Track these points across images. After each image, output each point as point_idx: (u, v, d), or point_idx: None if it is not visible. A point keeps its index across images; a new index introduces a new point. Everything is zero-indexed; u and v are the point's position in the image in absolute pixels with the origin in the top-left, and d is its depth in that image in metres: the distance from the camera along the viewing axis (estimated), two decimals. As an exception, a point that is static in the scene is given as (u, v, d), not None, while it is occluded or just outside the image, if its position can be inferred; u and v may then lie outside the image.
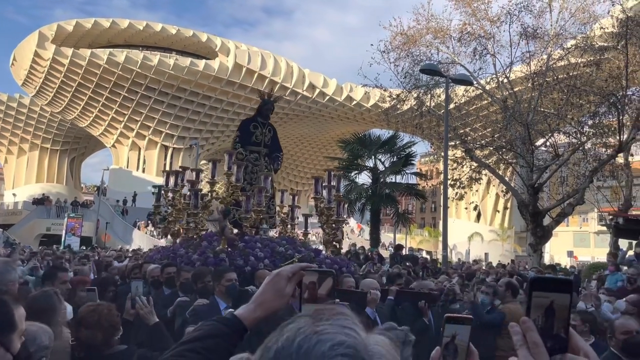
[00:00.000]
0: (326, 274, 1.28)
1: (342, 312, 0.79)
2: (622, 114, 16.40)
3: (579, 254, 44.69)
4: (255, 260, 6.82)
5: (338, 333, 0.73)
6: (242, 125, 9.85)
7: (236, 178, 7.82)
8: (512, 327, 0.87)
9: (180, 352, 1.23)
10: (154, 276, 5.81)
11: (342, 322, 0.76)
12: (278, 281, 1.30)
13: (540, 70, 18.33)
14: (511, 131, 17.98)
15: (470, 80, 17.12)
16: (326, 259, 7.49)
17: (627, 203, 19.55)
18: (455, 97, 22.02)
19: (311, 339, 0.72)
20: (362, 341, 0.73)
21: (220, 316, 1.36)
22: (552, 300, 0.85)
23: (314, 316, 0.78)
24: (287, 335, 0.75)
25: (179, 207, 8.89)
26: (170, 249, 7.91)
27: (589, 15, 19.42)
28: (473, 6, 20.18)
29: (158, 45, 46.45)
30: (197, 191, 8.11)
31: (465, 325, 1.27)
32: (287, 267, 1.34)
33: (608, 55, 17.38)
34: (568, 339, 0.85)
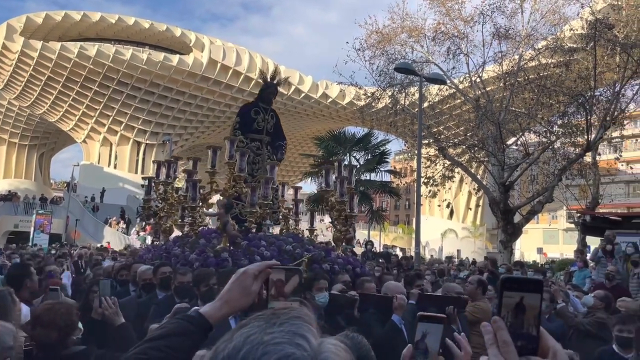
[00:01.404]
0: (293, 272, 1.29)
1: (298, 315, 0.77)
2: (590, 114, 16.80)
3: (548, 250, 45.76)
4: (262, 260, 5.86)
5: (287, 343, 0.71)
6: (242, 111, 8.95)
7: (239, 168, 6.97)
8: (484, 326, 0.87)
9: (144, 350, 1.22)
10: (145, 279, 5.16)
11: (295, 327, 0.74)
12: (244, 279, 1.30)
13: (511, 70, 18.64)
14: (483, 130, 18.25)
15: (443, 79, 17.32)
16: (338, 258, 6.80)
17: (594, 201, 20.06)
18: (429, 95, 22.24)
19: (257, 351, 0.70)
20: (311, 352, 0.71)
21: (185, 314, 1.35)
22: (522, 299, 0.86)
23: (268, 319, 0.76)
24: (235, 343, 0.73)
25: (171, 202, 8.10)
26: (162, 248, 7.17)
27: (560, 17, 19.84)
28: (447, 6, 20.39)
29: (131, 39, 45.69)
30: (196, 182, 7.20)
31: (438, 324, 1.29)
32: (253, 264, 1.34)
33: (577, 56, 17.77)
34: (538, 338, 0.86)
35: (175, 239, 7.57)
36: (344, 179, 7.46)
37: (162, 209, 8.27)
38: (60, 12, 43.01)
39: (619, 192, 37.96)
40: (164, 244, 7.57)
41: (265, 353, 0.69)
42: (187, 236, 7.31)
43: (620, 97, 17.41)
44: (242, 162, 7.05)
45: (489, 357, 0.85)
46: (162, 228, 8.19)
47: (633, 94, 18.62)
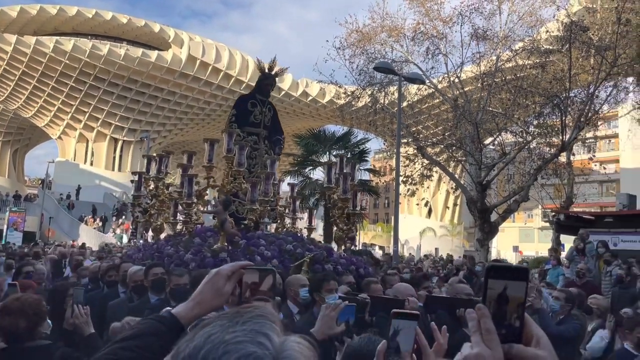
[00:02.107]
0: (267, 272, 1.28)
1: (261, 313, 0.77)
2: (565, 115, 17.12)
3: (524, 249, 46.50)
4: (262, 260, 5.78)
5: (248, 342, 0.70)
6: (239, 103, 8.48)
7: (238, 162, 6.51)
8: (468, 313, 0.87)
9: (114, 350, 1.20)
10: (136, 280, 4.75)
11: (258, 326, 0.73)
12: (217, 280, 1.29)
13: (489, 71, 18.88)
14: (461, 129, 18.45)
15: (422, 79, 17.45)
16: (341, 258, 6.49)
17: (569, 200, 20.43)
18: (409, 95, 22.40)
19: (218, 350, 0.69)
20: (273, 351, 0.70)
21: (157, 314, 1.34)
22: (507, 287, 0.86)
23: (231, 318, 0.75)
24: (197, 343, 0.71)
25: (162, 198, 7.65)
26: (153, 247, 6.73)
27: (536, 19, 20.16)
28: (426, 6, 20.55)
29: (108, 34, 45.02)
30: (192, 177, 6.76)
31: (411, 321, 1.31)
32: (226, 265, 1.33)
33: (553, 57, 18.09)
34: (522, 326, 0.86)
35: (167, 237, 7.15)
36: (348, 175, 7.11)
37: (153, 206, 7.81)
38: (36, 6, 42.13)
39: (592, 192, 38.74)
40: (154, 243, 7.11)
41: (226, 352, 0.68)
42: (180, 235, 6.95)
43: (594, 98, 17.76)
44: (242, 157, 6.57)
45: (471, 344, 0.85)
46: (153, 226, 7.74)
47: (607, 95, 19.04)
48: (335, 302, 2.56)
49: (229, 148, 6.55)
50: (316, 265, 5.84)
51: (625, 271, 8.65)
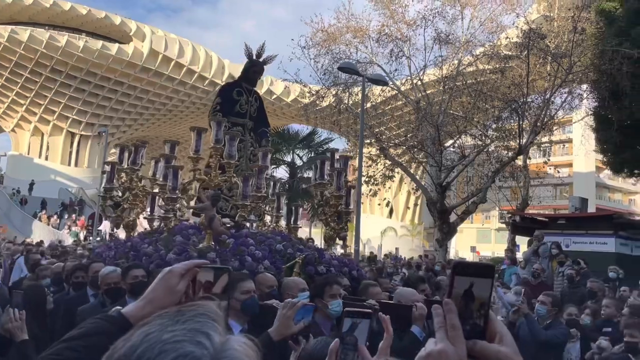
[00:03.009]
0: (222, 271, 1.26)
1: (204, 312, 0.74)
2: (522, 119, 17.65)
3: (481, 249, 47.65)
4: (253, 261, 5.34)
5: (187, 341, 0.67)
6: (224, 91, 7.90)
7: (228, 154, 5.96)
8: (435, 308, 0.87)
9: (59, 350, 1.17)
10: (109, 283, 4.32)
11: (199, 325, 0.70)
12: (170, 278, 1.25)
13: (451, 75, 19.26)
14: (423, 131, 18.76)
15: (385, 80, 17.64)
16: (333, 259, 6.09)
17: (524, 202, 21.06)
18: (372, 96, 22.59)
19: (154, 349, 0.66)
20: (212, 351, 0.67)
21: (106, 314, 1.30)
22: (473, 284, 0.86)
23: (171, 317, 0.72)
24: (133, 342, 0.69)
25: (136, 192, 7.06)
26: (127, 245, 6.12)
27: (497, 25, 20.68)
28: (391, 9, 20.79)
29: (66, 25, 43.60)
30: (177, 169, 6.13)
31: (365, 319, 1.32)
32: (180, 263, 1.30)
33: (512, 63, 18.61)
34: (487, 323, 0.86)
35: (142, 234, 6.60)
36: (342, 171, 6.70)
37: (126, 200, 7.19)
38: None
39: (546, 195, 39.99)
40: (128, 240, 6.54)
41: (163, 352, 0.66)
42: (156, 232, 6.40)
43: (550, 104, 18.38)
44: (232, 148, 5.99)
45: (436, 339, 0.85)
46: (125, 222, 7.13)
47: (562, 101, 19.73)
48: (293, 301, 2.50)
49: (218, 138, 6.02)
50: (309, 267, 5.49)
51: (576, 271, 8.99)
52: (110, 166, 7.47)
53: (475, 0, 20.57)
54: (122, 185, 7.34)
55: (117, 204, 7.45)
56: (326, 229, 6.74)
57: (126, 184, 7.22)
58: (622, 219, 14.94)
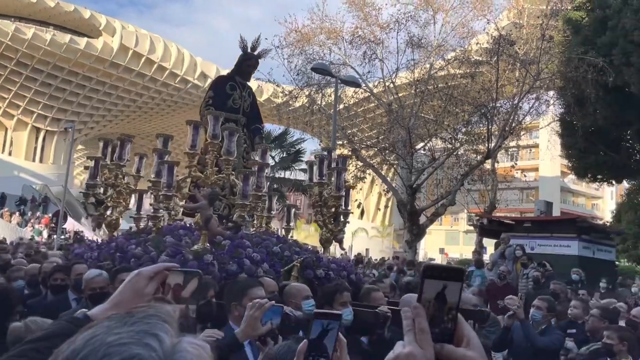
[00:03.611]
0: (192, 275, 1.24)
1: (155, 313, 0.72)
2: (491, 124, 17.98)
3: (450, 251, 48.34)
4: (252, 264, 5.02)
5: (134, 344, 0.65)
6: (217, 84, 7.60)
7: (227, 150, 5.58)
8: (404, 312, 0.87)
9: (23, 351, 1.15)
10: (94, 287, 4.02)
11: (148, 326, 0.68)
12: (138, 280, 1.24)
13: (422, 78, 19.48)
14: (394, 134, 18.92)
15: (358, 82, 17.74)
16: (331, 263, 5.77)
17: (492, 205, 21.45)
18: (345, 97, 22.69)
19: (98, 352, 0.64)
20: (160, 353, 0.65)
21: (71, 316, 1.28)
22: (443, 287, 0.86)
23: (120, 319, 0.70)
24: (77, 345, 0.66)
25: (120, 189, 6.67)
26: (112, 245, 5.68)
27: (468, 31, 21.04)
28: (365, 11, 20.92)
29: (33, 17, 42.42)
30: (172, 165, 5.71)
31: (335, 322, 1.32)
32: (150, 266, 1.28)
33: (482, 69, 18.95)
34: (455, 327, 0.87)
35: (127, 235, 6.22)
36: (342, 170, 6.43)
37: (109, 198, 6.78)
38: (-49, -19, 39.09)
39: (513, 198, 40.85)
40: (111, 241, 6.12)
41: (107, 355, 0.63)
42: (143, 232, 6.05)
43: (518, 109, 18.78)
44: (231, 144, 5.59)
45: (404, 342, 0.85)
46: (108, 221, 6.72)
47: (529, 107, 20.18)
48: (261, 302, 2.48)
49: (215, 133, 5.62)
50: (307, 271, 5.23)
51: (541, 273, 9.21)
52: (93, 161, 6.96)
53: (447, 6, 20.89)
54: (105, 182, 6.92)
55: (99, 201, 6.98)
56: (322, 230, 6.39)
57: (110, 181, 6.80)
58: (585, 223, 15.36)
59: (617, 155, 20.69)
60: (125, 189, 6.77)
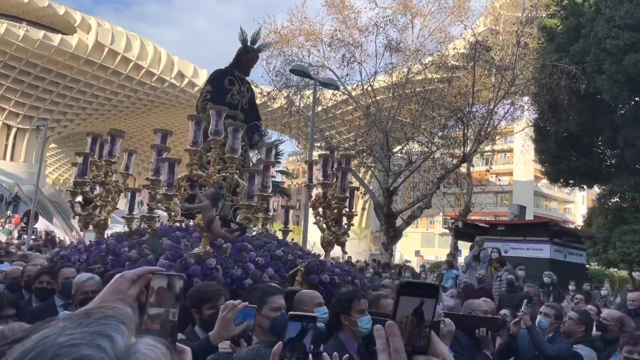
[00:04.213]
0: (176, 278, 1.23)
1: (113, 314, 0.70)
2: (467, 128, 18.23)
3: (425, 253, 48.77)
4: (257, 268, 4.71)
5: (85, 345, 0.63)
6: (215, 78, 7.17)
7: (231, 147, 5.22)
8: (377, 329, 0.85)
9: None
10: (87, 292, 3.79)
11: (103, 327, 0.67)
12: (121, 283, 1.22)
13: (400, 82, 19.65)
14: (372, 137, 19.04)
15: (337, 85, 17.79)
16: (335, 267, 5.51)
17: (467, 209, 21.72)
18: (324, 100, 22.73)
19: (47, 353, 0.62)
20: (111, 354, 0.64)
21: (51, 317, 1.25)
22: (419, 305, 0.85)
23: (76, 319, 0.69)
24: (27, 347, 0.64)
25: (109, 187, 6.32)
26: (102, 248, 5.31)
27: (445, 36, 21.29)
28: (344, 14, 21.01)
29: (6, 12, 41.47)
30: (173, 162, 5.37)
31: (311, 324, 1.32)
32: (134, 270, 1.27)
33: (459, 73, 19.20)
34: (428, 343, 0.86)
35: (118, 236, 5.83)
36: (347, 171, 6.15)
37: (98, 197, 6.39)
38: None
39: (488, 202, 41.42)
40: (101, 242, 5.74)
41: (56, 356, 0.62)
42: (135, 233, 5.73)
43: (494, 114, 19.08)
44: (235, 140, 5.22)
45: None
46: (96, 221, 6.35)
47: (504, 112, 20.52)
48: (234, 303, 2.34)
49: (217, 129, 5.23)
50: (312, 276, 4.95)
51: (514, 276, 9.35)
52: (82, 157, 6.48)
53: (425, 10, 21.10)
54: (94, 180, 6.50)
55: (87, 200, 6.55)
56: (325, 233, 6.14)
57: (100, 179, 6.40)
58: (557, 227, 15.68)
59: (589, 160, 21.18)
60: (114, 187, 6.40)
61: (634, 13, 16.79)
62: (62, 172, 58.15)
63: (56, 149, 52.42)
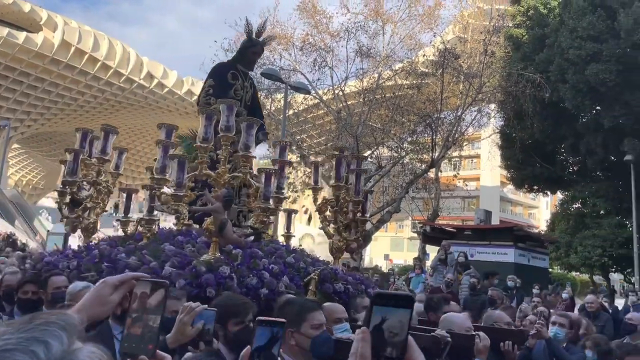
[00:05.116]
0: (159, 285, 1.24)
1: (54, 321, 0.69)
2: (435, 134, 18.52)
3: (394, 257, 49.22)
4: (270, 276, 4.30)
5: (19, 350, 0.62)
6: (217, 71, 6.67)
7: (245, 144, 4.77)
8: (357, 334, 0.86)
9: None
10: None
11: (41, 333, 0.66)
12: (102, 288, 1.22)
13: (371, 87, 19.83)
14: (342, 141, 19.14)
15: (307, 89, 17.84)
16: (347, 275, 5.20)
17: (435, 213, 22.03)
18: (295, 103, 22.75)
19: None
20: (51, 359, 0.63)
21: None
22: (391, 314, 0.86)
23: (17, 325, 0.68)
24: None
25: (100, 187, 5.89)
26: (94, 253, 4.80)
27: (415, 43, 21.60)
28: (316, 19, 21.10)
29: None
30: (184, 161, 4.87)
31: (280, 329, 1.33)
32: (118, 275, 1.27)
33: (428, 80, 19.50)
34: (404, 354, 0.86)
35: (111, 241, 5.34)
36: (361, 172, 5.74)
37: (89, 198, 5.90)
38: None
39: (455, 206, 42.07)
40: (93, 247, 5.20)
41: None
42: (130, 237, 5.28)
43: (461, 121, 19.44)
44: (249, 137, 4.76)
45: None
46: (85, 224, 5.85)
47: (472, 119, 20.92)
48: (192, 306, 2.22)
49: (229, 125, 4.73)
50: (326, 285, 4.61)
51: (477, 279, 9.54)
52: (72, 155, 5.89)
53: (396, 17, 21.37)
54: (89, 179, 6.01)
55: (76, 201, 6.01)
56: (334, 239, 5.72)
57: (91, 178, 5.91)
58: (521, 232, 16.04)
59: (552, 167, 21.77)
60: (105, 187, 5.94)
61: (595, 25, 17.36)
62: (25, 173, 56.56)
63: (19, 150, 50.92)
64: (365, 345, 0.84)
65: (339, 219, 5.69)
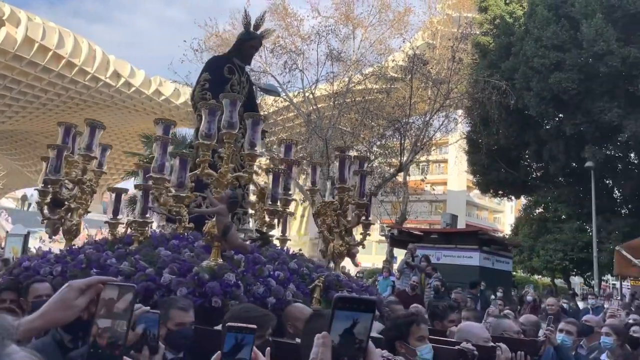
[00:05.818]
0: (127, 289, 1.20)
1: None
2: (404, 139, 18.72)
3: (363, 260, 49.34)
4: (276, 284, 4.08)
5: None
6: (213, 65, 6.39)
7: (250, 142, 4.41)
8: (316, 339, 0.86)
9: None
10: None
11: None
12: (67, 292, 1.18)
13: (341, 91, 19.93)
14: (312, 144, 19.16)
15: (278, 91, 17.77)
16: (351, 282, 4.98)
17: (403, 217, 22.26)
18: (265, 105, 22.66)
19: None
20: None
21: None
22: (355, 319, 0.86)
23: None
24: None
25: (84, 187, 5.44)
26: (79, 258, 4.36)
27: (385, 48, 21.84)
28: (287, 21, 21.11)
29: None
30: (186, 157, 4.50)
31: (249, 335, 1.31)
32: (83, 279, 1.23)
33: (397, 85, 19.72)
34: (365, 357, 0.86)
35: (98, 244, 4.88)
36: (366, 174, 5.49)
37: (73, 198, 5.47)
38: None
39: (423, 210, 42.60)
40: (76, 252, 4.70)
41: None
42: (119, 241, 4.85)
43: (429, 126, 19.71)
44: (255, 135, 4.42)
45: None
46: (68, 226, 5.43)
47: (439, 124, 21.24)
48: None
49: (232, 121, 4.35)
50: (331, 292, 4.38)
51: (441, 282, 9.67)
52: (56, 151, 5.40)
53: (367, 22, 21.56)
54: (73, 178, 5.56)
55: (57, 202, 5.54)
56: (334, 243, 5.51)
57: (76, 176, 5.49)
58: (485, 236, 16.33)
59: (516, 172, 22.26)
60: (89, 187, 5.52)
61: (559, 34, 17.87)
62: (-16, 172, 54.68)
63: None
64: (325, 350, 0.84)
65: (341, 222, 5.47)
